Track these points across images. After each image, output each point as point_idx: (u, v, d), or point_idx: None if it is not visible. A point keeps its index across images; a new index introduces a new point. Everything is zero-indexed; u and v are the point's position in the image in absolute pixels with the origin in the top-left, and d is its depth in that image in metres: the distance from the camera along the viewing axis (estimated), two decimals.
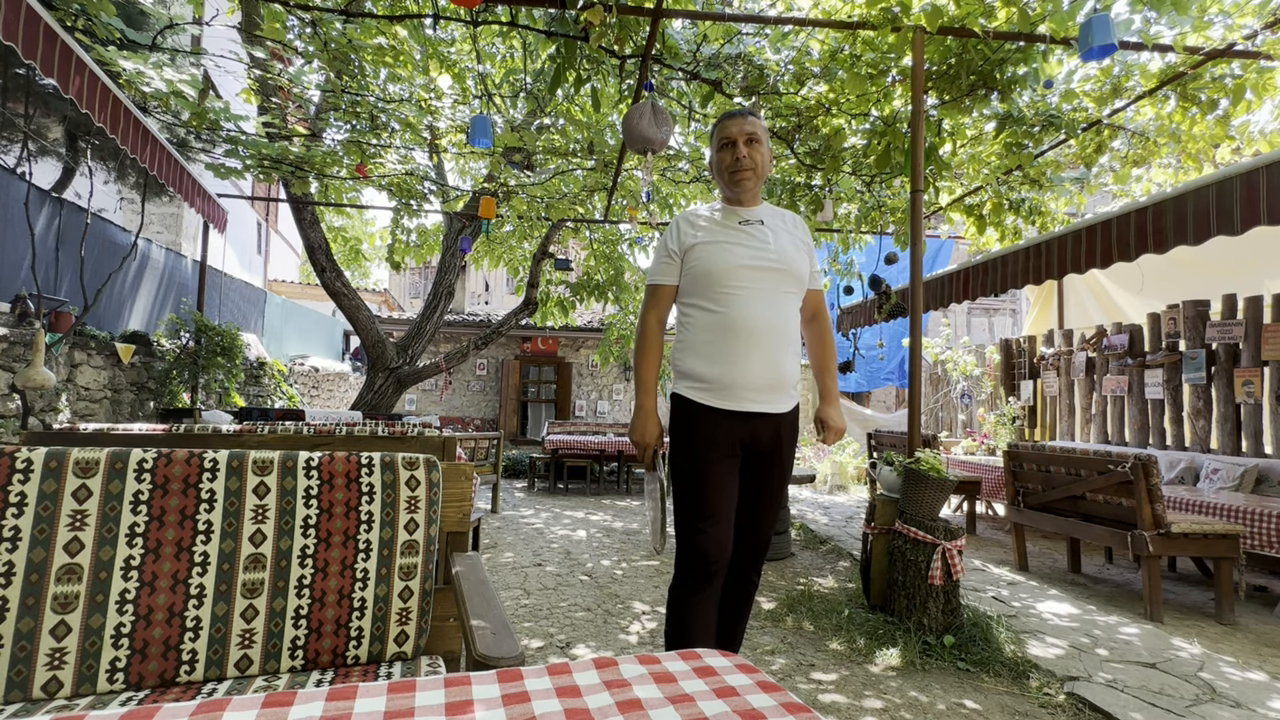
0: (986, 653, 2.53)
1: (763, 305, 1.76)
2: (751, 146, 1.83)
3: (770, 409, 1.77)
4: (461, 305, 14.34)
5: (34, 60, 2.22)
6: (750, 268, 1.78)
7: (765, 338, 1.74)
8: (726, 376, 1.74)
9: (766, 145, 1.88)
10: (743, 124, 1.83)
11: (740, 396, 1.75)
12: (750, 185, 1.84)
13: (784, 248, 1.81)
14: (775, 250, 1.80)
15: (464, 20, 3.58)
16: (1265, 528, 3.24)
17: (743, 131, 1.82)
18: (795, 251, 1.83)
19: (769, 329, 1.75)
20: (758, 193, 1.90)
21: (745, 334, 1.74)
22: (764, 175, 1.88)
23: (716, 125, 1.90)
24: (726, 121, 1.86)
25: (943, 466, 2.82)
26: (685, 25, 4.23)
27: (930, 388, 8.82)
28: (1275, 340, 4.25)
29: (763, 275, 1.78)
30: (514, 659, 0.89)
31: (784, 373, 1.77)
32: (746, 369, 1.73)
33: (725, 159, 1.85)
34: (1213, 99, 3.86)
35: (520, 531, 5.13)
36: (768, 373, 1.74)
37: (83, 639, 1.06)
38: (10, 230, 4.40)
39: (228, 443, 1.90)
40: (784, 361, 1.77)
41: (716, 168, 1.91)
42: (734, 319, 1.75)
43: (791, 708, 0.62)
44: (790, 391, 1.81)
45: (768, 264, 1.78)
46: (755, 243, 1.81)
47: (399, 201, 5.95)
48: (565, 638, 2.78)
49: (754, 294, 1.76)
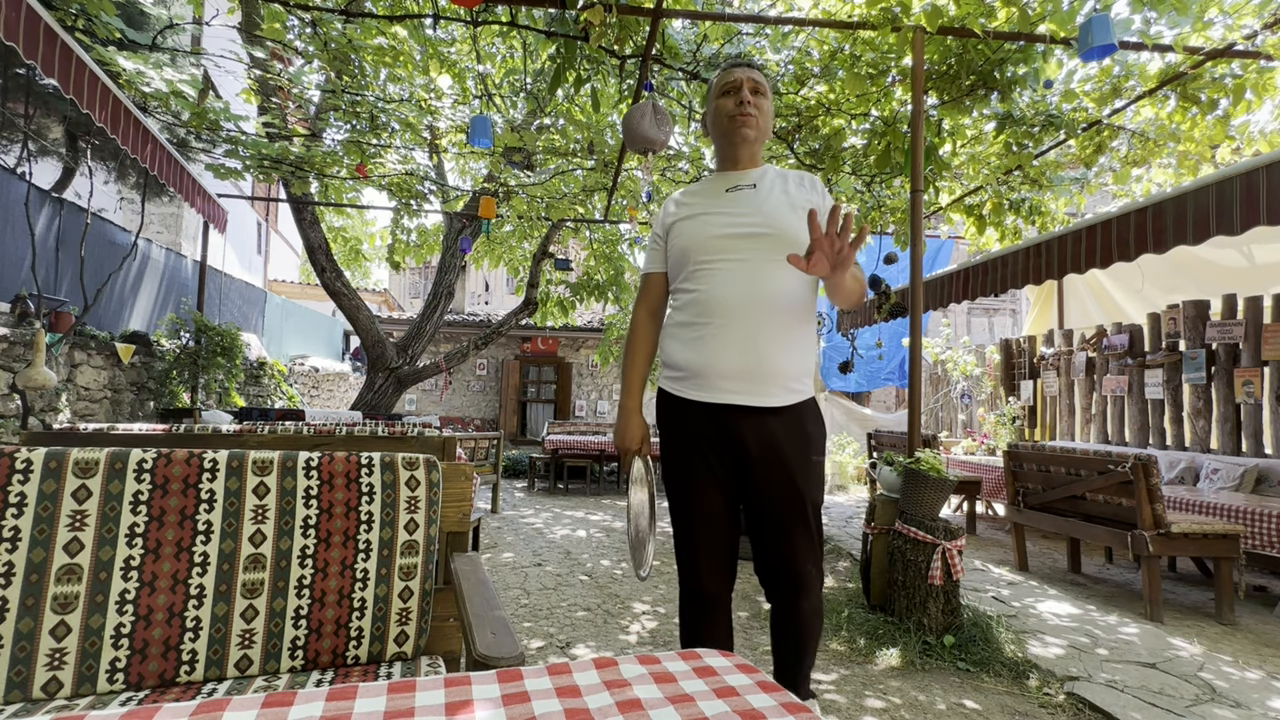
0: (986, 653, 2.53)
1: (742, 278, 1.51)
2: (757, 96, 1.62)
3: (751, 401, 1.50)
4: (461, 305, 14.35)
5: (34, 60, 2.22)
6: (728, 236, 1.54)
7: (741, 315, 1.49)
8: (697, 362, 1.53)
9: (770, 104, 1.67)
10: (748, 71, 1.63)
11: (713, 385, 1.51)
12: (751, 137, 1.62)
13: (774, 209, 1.55)
14: (761, 214, 1.55)
15: (464, 20, 3.58)
16: (1265, 528, 3.24)
17: (749, 78, 1.62)
18: (790, 211, 1.55)
19: (747, 304, 1.49)
20: (757, 152, 1.67)
21: (719, 312, 1.51)
22: (765, 134, 1.66)
23: (718, 74, 1.68)
24: (731, 69, 1.65)
25: (943, 466, 2.82)
26: (685, 25, 4.23)
27: (930, 388, 8.82)
28: (1275, 340, 4.25)
29: (744, 244, 1.53)
30: (514, 659, 0.89)
31: (765, 356, 1.48)
32: (717, 352, 1.50)
33: (727, 104, 1.62)
34: (1213, 99, 3.86)
35: (520, 531, 5.13)
36: (743, 357, 1.48)
37: (82, 639, 1.06)
38: (10, 230, 4.40)
39: (228, 443, 1.90)
40: (766, 343, 1.49)
41: (713, 119, 1.67)
42: (707, 296, 1.53)
43: (791, 708, 0.62)
44: (783, 382, 1.51)
45: (749, 230, 1.53)
46: (737, 209, 1.57)
47: (399, 201, 5.95)
48: (565, 638, 2.78)
49: (734, 266, 1.52)
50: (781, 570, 1.56)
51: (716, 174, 1.70)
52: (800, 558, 1.54)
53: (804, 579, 1.55)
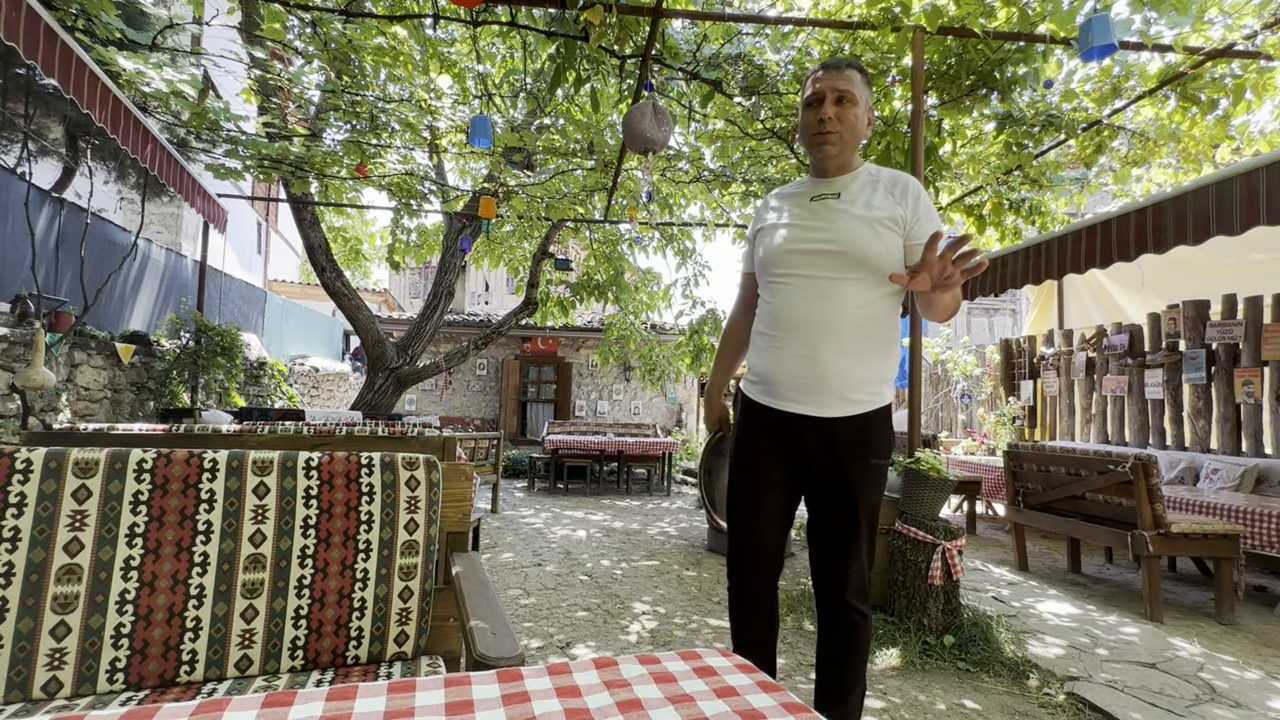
0: (986, 653, 2.53)
1: (805, 295, 1.55)
2: (842, 106, 1.55)
3: (813, 411, 1.55)
4: (461, 305, 14.35)
5: (35, 60, 2.22)
6: (797, 252, 1.57)
7: (804, 330, 1.54)
8: (766, 371, 1.62)
9: (865, 104, 1.59)
10: (835, 78, 1.55)
11: (779, 394, 1.60)
12: (834, 153, 1.58)
13: (848, 226, 1.53)
14: (834, 229, 1.54)
15: (464, 20, 3.58)
16: (1265, 528, 3.24)
17: (833, 88, 1.55)
18: (864, 228, 1.52)
19: (809, 321, 1.54)
20: (846, 160, 1.61)
21: (785, 326, 1.58)
22: (857, 141, 1.61)
23: (808, 78, 1.63)
24: (817, 74, 1.59)
25: (943, 466, 2.82)
26: (685, 25, 4.23)
27: (930, 388, 8.82)
28: (1275, 340, 4.25)
29: (811, 260, 1.55)
30: (514, 659, 0.89)
31: (826, 370, 1.52)
32: (782, 364, 1.57)
33: (809, 120, 1.59)
34: (1213, 99, 3.86)
35: (520, 531, 5.13)
36: (803, 368, 1.54)
37: (82, 639, 1.06)
38: (10, 230, 4.40)
39: (228, 443, 1.90)
40: (827, 356, 1.52)
41: (801, 129, 1.64)
42: (776, 310, 1.60)
43: (791, 708, 0.62)
44: (842, 394, 1.54)
45: (817, 246, 1.55)
46: (814, 221, 1.57)
47: (399, 201, 5.95)
48: (565, 638, 2.78)
49: (802, 282, 1.56)
50: (829, 560, 1.62)
51: (810, 179, 1.69)
52: (847, 553, 1.59)
53: (850, 579, 1.59)
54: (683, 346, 8.09)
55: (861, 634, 1.61)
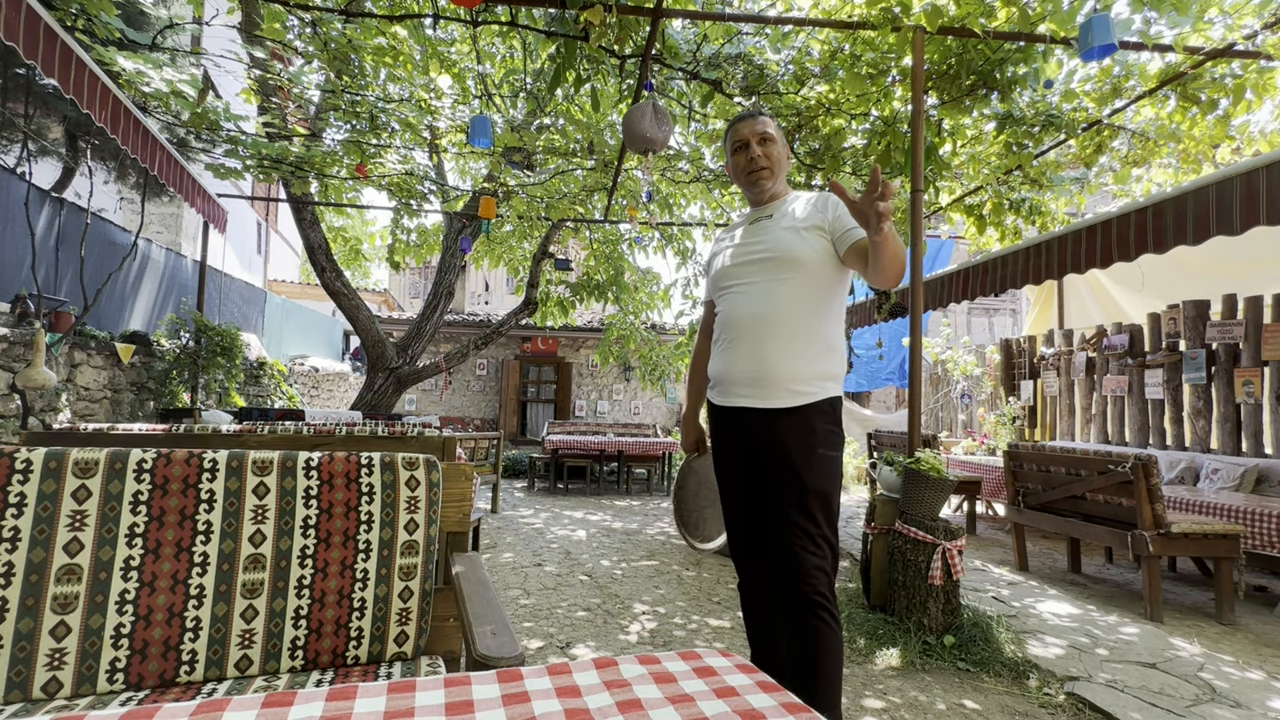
0: (986, 653, 2.53)
1: (750, 297, 1.74)
2: (765, 145, 1.82)
3: (759, 403, 1.68)
4: (461, 305, 14.35)
5: (34, 60, 2.22)
6: (740, 264, 1.79)
7: (749, 328, 1.72)
8: (721, 371, 1.79)
9: (781, 140, 1.86)
10: (753, 125, 1.82)
11: (730, 391, 1.76)
12: (768, 184, 1.83)
13: (778, 236, 1.74)
14: (767, 241, 1.75)
15: (464, 20, 3.57)
16: (1265, 528, 3.24)
17: (754, 132, 1.82)
18: (791, 235, 1.71)
19: (755, 320, 1.71)
20: (778, 188, 1.86)
21: (734, 328, 1.76)
22: (782, 171, 1.86)
23: (728, 131, 1.90)
24: (738, 125, 1.86)
25: (943, 466, 2.82)
26: (685, 25, 4.23)
27: (930, 388, 8.82)
28: (1275, 340, 4.25)
29: (752, 269, 1.76)
30: (514, 659, 0.89)
31: (768, 363, 1.67)
32: (733, 363, 1.74)
33: (740, 161, 1.85)
34: (1213, 99, 3.86)
35: (520, 531, 5.13)
36: (750, 364, 1.70)
37: (82, 639, 1.06)
38: (10, 230, 4.40)
39: (227, 443, 1.90)
40: (769, 351, 1.67)
41: (733, 173, 1.90)
42: (726, 315, 1.81)
43: (791, 708, 0.62)
44: (787, 385, 1.65)
45: (755, 256, 1.76)
46: (753, 238, 1.80)
47: (399, 201, 5.95)
48: (565, 638, 2.78)
49: (745, 288, 1.76)
50: (773, 550, 1.63)
51: (750, 209, 1.92)
52: (799, 542, 1.58)
53: (807, 569, 1.57)
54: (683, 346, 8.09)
55: (829, 640, 1.57)
